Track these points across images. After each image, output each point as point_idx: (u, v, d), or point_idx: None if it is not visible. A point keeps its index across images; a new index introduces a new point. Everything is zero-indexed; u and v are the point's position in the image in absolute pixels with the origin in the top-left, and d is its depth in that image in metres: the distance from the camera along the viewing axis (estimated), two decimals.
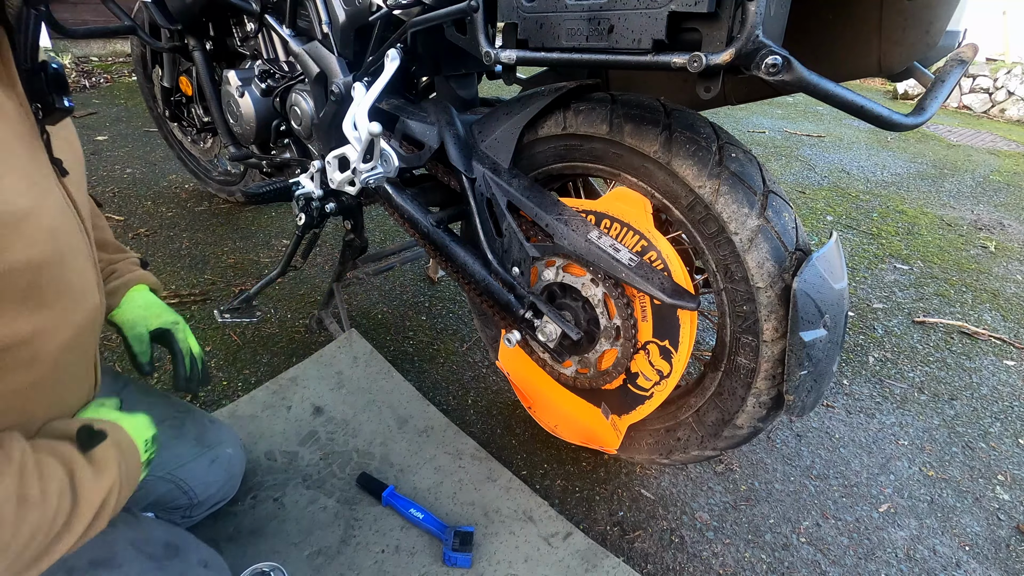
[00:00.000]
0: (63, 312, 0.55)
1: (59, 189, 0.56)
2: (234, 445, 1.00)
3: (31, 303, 0.50)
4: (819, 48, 0.84)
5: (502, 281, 1.06)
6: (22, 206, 0.47)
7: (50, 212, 0.52)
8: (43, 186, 0.52)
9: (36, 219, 0.49)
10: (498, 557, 1.00)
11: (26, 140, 0.52)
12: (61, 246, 0.53)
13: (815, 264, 0.78)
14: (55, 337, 0.55)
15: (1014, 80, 5.60)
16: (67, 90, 0.57)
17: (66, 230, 0.55)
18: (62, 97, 0.56)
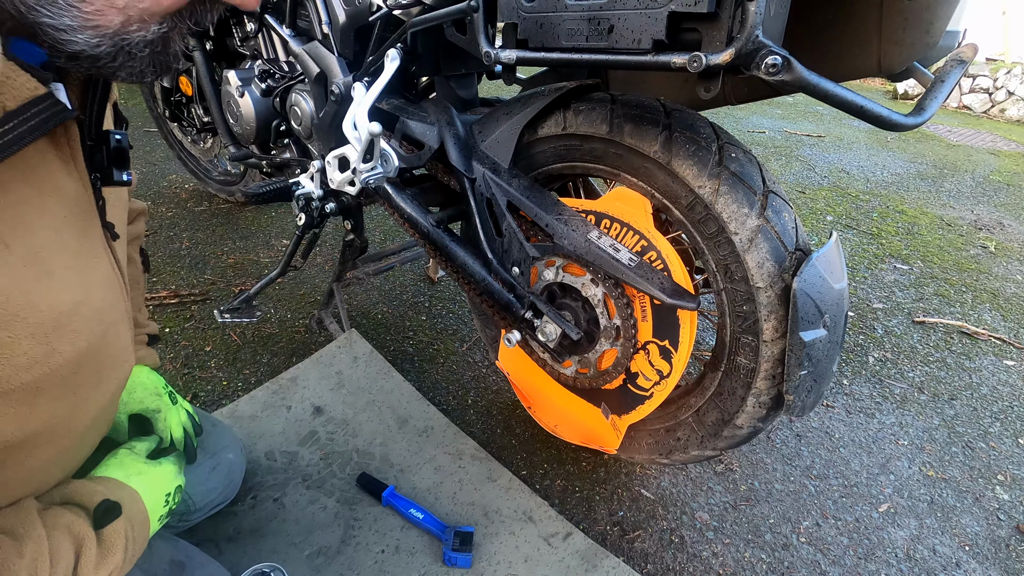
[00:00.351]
0: (100, 386, 0.54)
1: (107, 255, 0.55)
2: (235, 449, 1.00)
3: (71, 385, 0.49)
4: (819, 48, 0.84)
5: (502, 281, 1.06)
6: (72, 301, 0.47)
7: (99, 293, 0.51)
8: (92, 265, 0.51)
9: (85, 308, 0.49)
10: (498, 557, 1.00)
11: (81, 216, 0.51)
12: (106, 325, 0.52)
13: (815, 264, 0.78)
14: (90, 410, 0.54)
15: (1014, 80, 5.60)
16: (127, 164, 0.56)
17: (111, 303, 0.54)
18: (121, 172, 0.55)
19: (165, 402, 0.87)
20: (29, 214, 0.44)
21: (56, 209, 0.47)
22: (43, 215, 0.45)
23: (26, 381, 0.44)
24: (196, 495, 0.92)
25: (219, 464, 0.96)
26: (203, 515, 0.96)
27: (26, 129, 0.39)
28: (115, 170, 0.54)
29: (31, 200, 0.44)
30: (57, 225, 0.47)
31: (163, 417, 0.85)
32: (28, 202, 0.44)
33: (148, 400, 0.84)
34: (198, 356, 1.45)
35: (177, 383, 1.36)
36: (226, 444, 0.99)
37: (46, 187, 0.45)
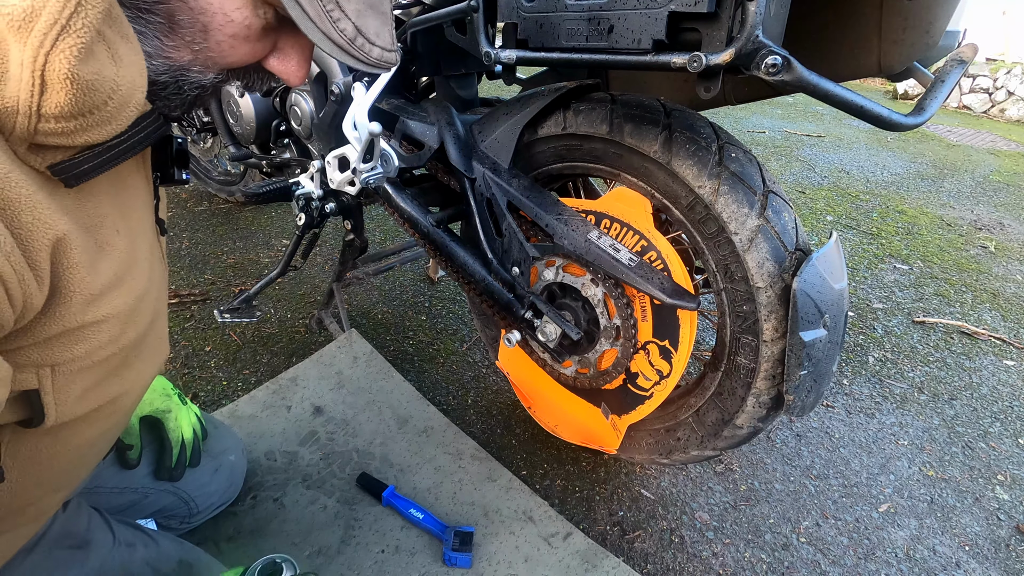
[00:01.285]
0: (146, 369, 0.57)
1: (160, 250, 0.59)
2: (236, 451, 1.01)
3: (123, 368, 0.52)
4: (819, 48, 0.84)
5: (502, 281, 1.06)
6: (142, 289, 0.51)
7: (156, 283, 0.55)
8: (154, 258, 0.55)
9: (148, 296, 0.52)
10: (498, 557, 1.00)
11: (149, 213, 0.55)
12: (155, 314, 0.56)
13: (815, 264, 0.78)
14: (135, 392, 0.57)
15: (1014, 80, 5.60)
16: (187, 164, 0.61)
17: (160, 294, 0.58)
18: (181, 171, 0.60)
19: (175, 402, 0.89)
20: (127, 207, 0.49)
21: (137, 203, 0.52)
22: (135, 208, 0.50)
23: (99, 359, 0.47)
24: (198, 498, 0.92)
25: (221, 466, 0.96)
26: (205, 517, 0.96)
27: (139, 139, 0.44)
28: (176, 169, 0.59)
29: (126, 195, 0.49)
30: (140, 216, 0.52)
31: (173, 416, 0.88)
32: (124, 197, 0.48)
33: (158, 401, 0.86)
34: (198, 356, 1.45)
35: (177, 383, 1.36)
36: (228, 446, 0.99)
37: (132, 185, 0.51)
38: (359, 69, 0.51)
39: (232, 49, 0.45)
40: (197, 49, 0.43)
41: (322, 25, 0.44)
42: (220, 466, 0.96)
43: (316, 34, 0.45)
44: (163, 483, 0.87)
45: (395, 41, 0.52)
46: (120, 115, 0.39)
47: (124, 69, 0.38)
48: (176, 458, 0.87)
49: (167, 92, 0.45)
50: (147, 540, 0.77)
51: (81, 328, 0.44)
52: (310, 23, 0.44)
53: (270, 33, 0.47)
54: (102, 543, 0.71)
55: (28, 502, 0.55)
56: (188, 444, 0.89)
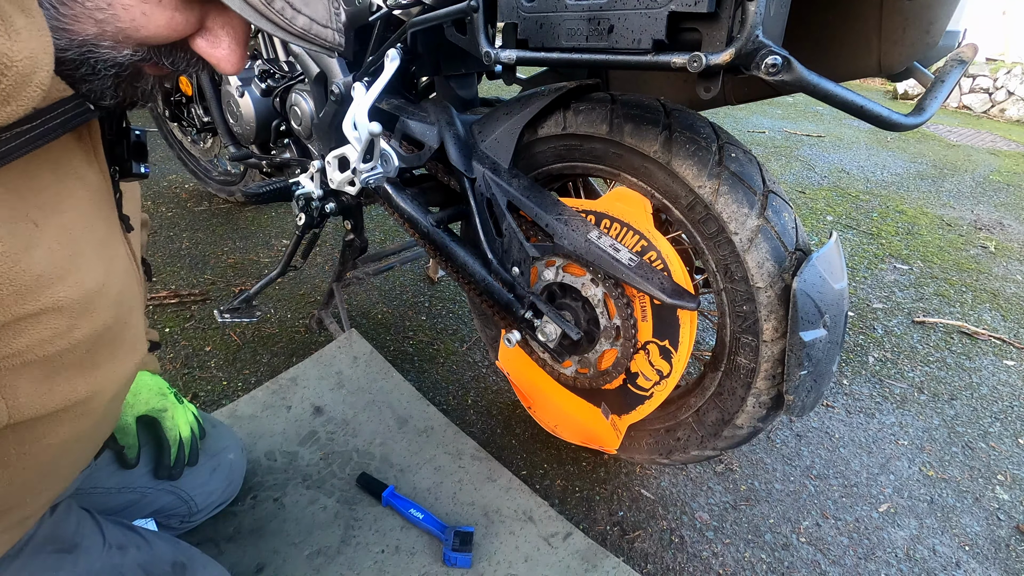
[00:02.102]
0: (116, 368, 0.55)
1: (124, 246, 0.57)
2: (236, 450, 1.00)
3: (88, 366, 0.51)
4: (819, 48, 0.84)
5: (502, 281, 1.06)
6: (95, 284, 0.48)
7: (118, 279, 0.53)
8: (112, 252, 0.53)
9: (106, 291, 0.50)
10: (498, 557, 1.00)
11: (102, 205, 0.52)
12: (123, 310, 0.54)
13: (815, 264, 0.78)
14: (106, 393, 0.56)
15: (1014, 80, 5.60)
16: (145, 158, 0.58)
17: (128, 290, 0.56)
18: (140, 164, 0.57)
19: (171, 401, 0.88)
20: (58, 198, 0.45)
21: (81, 195, 0.48)
22: (70, 200, 0.47)
23: (47, 354, 0.45)
24: (198, 497, 0.92)
25: (220, 465, 0.96)
26: (204, 516, 0.96)
27: (53, 126, 0.40)
28: (134, 163, 0.57)
29: (57, 187, 0.45)
30: (84, 210, 0.48)
31: (170, 415, 0.87)
32: (55, 189, 0.45)
33: (154, 400, 0.86)
34: (198, 356, 1.45)
35: (177, 383, 1.36)
36: (227, 445, 0.99)
37: (70, 176, 0.47)
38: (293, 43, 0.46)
39: (145, 18, 0.40)
40: (101, 18, 0.38)
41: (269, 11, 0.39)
42: (219, 465, 0.96)
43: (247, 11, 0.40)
44: (162, 482, 0.87)
45: (335, 19, 0.46)
46: (19, 95, 0.35)
47: (21, 44, 0.34)
48: (175, 457, 0.87)
49: (81, 72, 0.41)
50: (140, 542, 0.76)
51: (16, 321, 0.41)
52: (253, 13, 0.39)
53: (192, 5, 0.42)
54: (91, 546, 0.70)
55: (7, 506, 0.54)
56: (186, 443, 0.89)
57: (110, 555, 0.71)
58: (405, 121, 1.11)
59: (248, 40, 0.48)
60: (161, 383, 0.90)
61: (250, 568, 0.95)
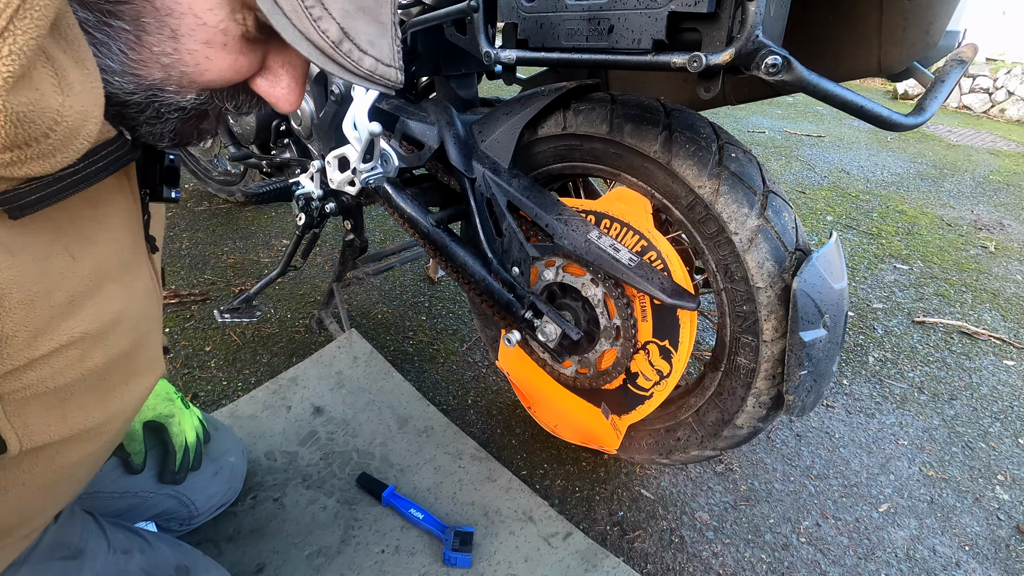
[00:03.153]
0: (128, 391, 0.55)
1: (148, 267, 0.56)
2: (236, 452, 1.01)
3: (102, 391, 0.50)
4: (819, 48, 0.84)
5: (502, 281, 1.06)
6: (113, 313, 0.48)
7: (138, 303, 0.52)
8: (135, 274, 0.53)
9: (124, 317, 0.49)
10: (498, 557, 1.00)
11: (131, 229, 0.52)
12: (140, 334, 0.53)
13: (815, 264, 0.78)
14: (120, 416, 0.55)
15: (1014, 80, 5.60)
16: (177, 182, 0.57)
17: (147, 313, 0.55)
18: (171, 189, 0.56)
19: (178, 406, 0.89)
20: (92, 228, 0.45)
21: (113, 223, 0.48)
22: (103, 230, 0.47)
23: (59, 384, 0.45)
24: (199, 501, 0.92)
25: (221, 469, 0.96)
26: (205, 518, 0.97)
27: (97, 169, 0.40)
28: (165, 187, 0.56)
29: (92, 216, 0.46)
30: (115, 236, 0.49)
31: (177, 421, 0.88)
32: (90, 218, 0.45)
33: (161, 406, 0.86)
34: (198, 356, 1.45)
35: (177, 383, 1.36)
36: (227, 448, 0.99)
37: (104, 204, 0.47)
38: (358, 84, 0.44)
39: (208, 62, 0.39)
40: (167, 63, 0.38)
41: (299, 22, 0.38)
42: (220, 468, 0.96)
43: (290, 32, 0.38)
44: (164, 487, 0.87)
45: (397, 57, 0.45)
46: (66, 148, 0.35)
47: (73, 98, 0.34)
48: (179, 463, 0.87)
49: (146, 116, 0.41)
50: (143, 545, 0.76)
51: (29, 363, 0.41)
52: (283, 18, 0.37)
53: (255, 47, 0.42)
54: (96, 551, 0.70)
55: (17, 522, 0.54)
56: (191, 448, 0.89)
57: (115, 560, 0.71)
58: (405, 121, 1.11)
59: (307, 78, 0.47)
60: (168, 388, 0.90)
61: (250, 568, 0.95)
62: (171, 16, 0.36)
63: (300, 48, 0.39)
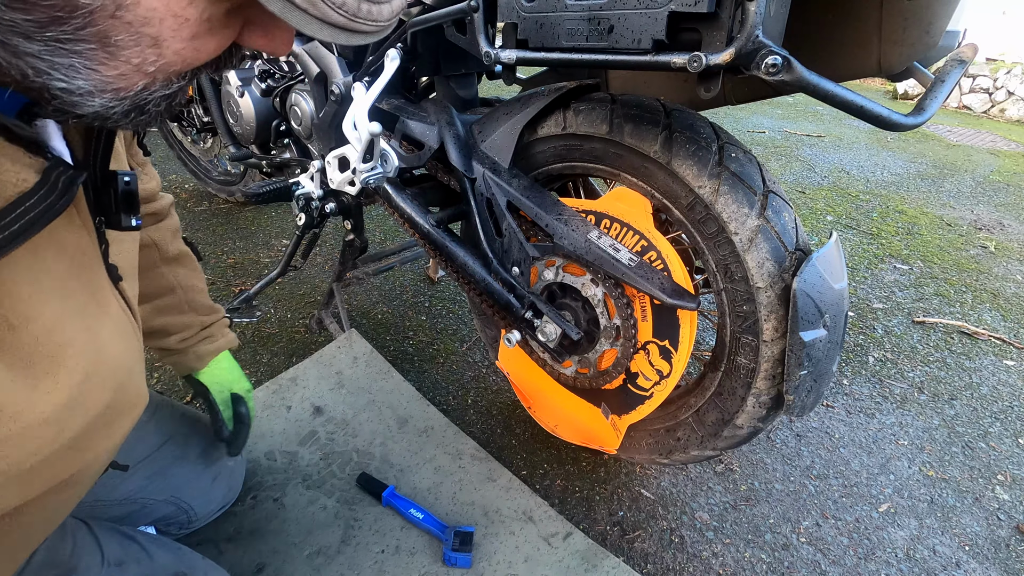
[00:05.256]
0: (115, 432, 0.52)
1: (116, 299, 0.51)
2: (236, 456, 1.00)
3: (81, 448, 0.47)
4: (819, 48, 0.84)
5: (502, 281, 1.06)
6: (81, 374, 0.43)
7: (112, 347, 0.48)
8: (102, 317, 0.47)
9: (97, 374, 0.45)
10: (498, 557, 1.00)
11: (86, 268, 0.46)
12: (121, 375, 0.49)
13: (815, 264, 0.78)
14: (103, 458, 0.52)
15: (1014, 80, 5.60)
16: (137, 209, 0.50)
17: (125, 350, 0.50)
18: (130, 216, 0.50)
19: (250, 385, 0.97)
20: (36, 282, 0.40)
21: (60, 269, 0.43)
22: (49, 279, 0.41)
23: (36, 463, 0.42)
24: (198, 507, 0.92)
25: (220, 473, 0.96)
26: (204, 523, 0.97)
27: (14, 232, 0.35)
28: (123, 215, 0.49)
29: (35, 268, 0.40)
30: (66, 285, 0.43)
31: (251, 396, 0.97)
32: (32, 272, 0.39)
33: (243, 381, 0.95)
34: None
35: (177, 383, 1.36)
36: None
37: (50, 248, 0.42)
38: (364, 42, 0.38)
39: (197, 52, 0.35)
40: (152, 69, 0.33)
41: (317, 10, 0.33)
42: (219, 473, 0.95)
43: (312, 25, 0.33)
44: (163, 493, 0.86)
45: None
46: None
47: None
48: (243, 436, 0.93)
49: (130, 118, 0.36)
50: (139, 554, 0.74)
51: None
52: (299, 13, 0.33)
53: (236, 12, 0.37)
54: (89, 566, 0.68)
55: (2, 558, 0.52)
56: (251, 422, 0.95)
57: (109, 574, 0.69)
58: (405, 121, 1.11)
59: None
60: (231, 361, 0.95)
61: (250, 568, 0.95)
62: (148, 25, 0.31)
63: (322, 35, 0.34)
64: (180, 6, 0.32)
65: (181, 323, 0.87)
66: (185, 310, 0.87)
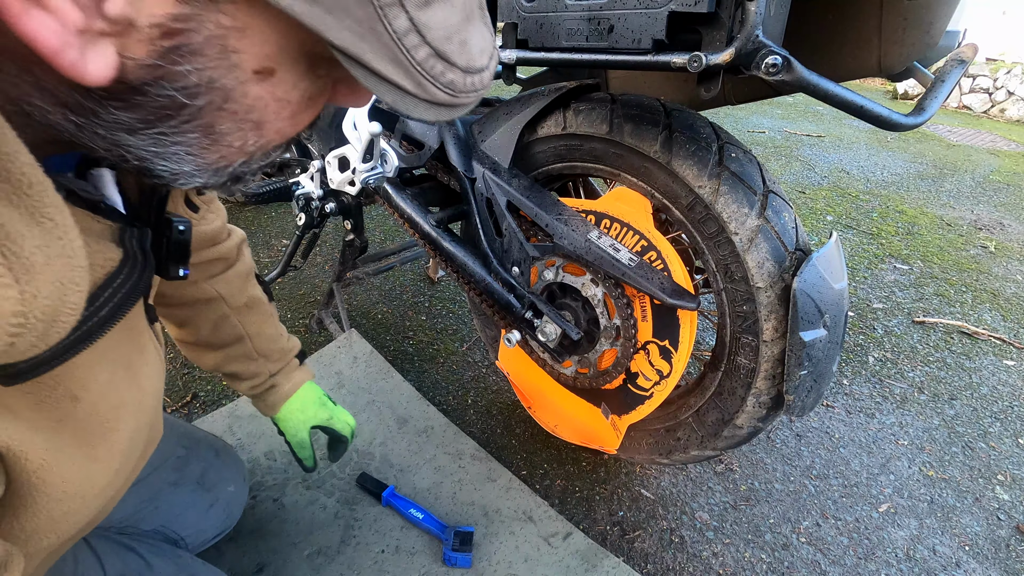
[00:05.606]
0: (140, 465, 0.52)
1: (152, 342, 0.50)
2: (237, 480, 0.95)
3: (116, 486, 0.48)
4: (819, 48, 0.84)
5: (502, 281, 1.06)
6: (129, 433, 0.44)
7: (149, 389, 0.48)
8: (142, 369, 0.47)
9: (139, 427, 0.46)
10: (498, 557, 1.00)
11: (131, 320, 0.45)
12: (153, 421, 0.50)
13: (815, 264, 0.78)
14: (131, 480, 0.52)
15: (1014, 80, 5.60)
16: (186, 260, 0.48)
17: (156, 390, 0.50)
18: (178, 266, 0.48)
19: (330, 407, 0.96)
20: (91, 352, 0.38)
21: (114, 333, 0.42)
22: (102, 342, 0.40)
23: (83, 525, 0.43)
24: (189, 536, 0.86)
25: (218, 500, 0.90)
26: (197, 551, 0.90)
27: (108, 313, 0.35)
28: (172, 265, 0.47)
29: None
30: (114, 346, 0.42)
31: (334, 420, 0.95)
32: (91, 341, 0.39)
33: (321, 413, 0.93)
34: None
35: (177, 383, 1.36)
36: (227, 476, 0.93)
37: None
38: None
39: (295, 126, 0.36)
40: (253, 149, 0.34)
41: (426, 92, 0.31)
42: (216, 500, 0.89)
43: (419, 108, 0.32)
44: (151, 523, 0.82)
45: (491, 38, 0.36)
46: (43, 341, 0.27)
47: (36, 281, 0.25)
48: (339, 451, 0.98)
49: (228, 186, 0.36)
50: (140, 567, 0.71)
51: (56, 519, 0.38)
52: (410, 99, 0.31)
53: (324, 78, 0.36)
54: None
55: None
56: (349, 438, 0.97)
57: None
58: (405, 121, 1.11)
59: None
60: (319, 392, 0.95)
61: (250, 568, 0.95)
62: (252, 112, 0.31)
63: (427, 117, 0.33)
64: (284, 90, 0.32)
65: (250, 371, 0.86)
66: (254, 357, 0.85)
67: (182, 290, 0.75)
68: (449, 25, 0.30)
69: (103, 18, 0.23)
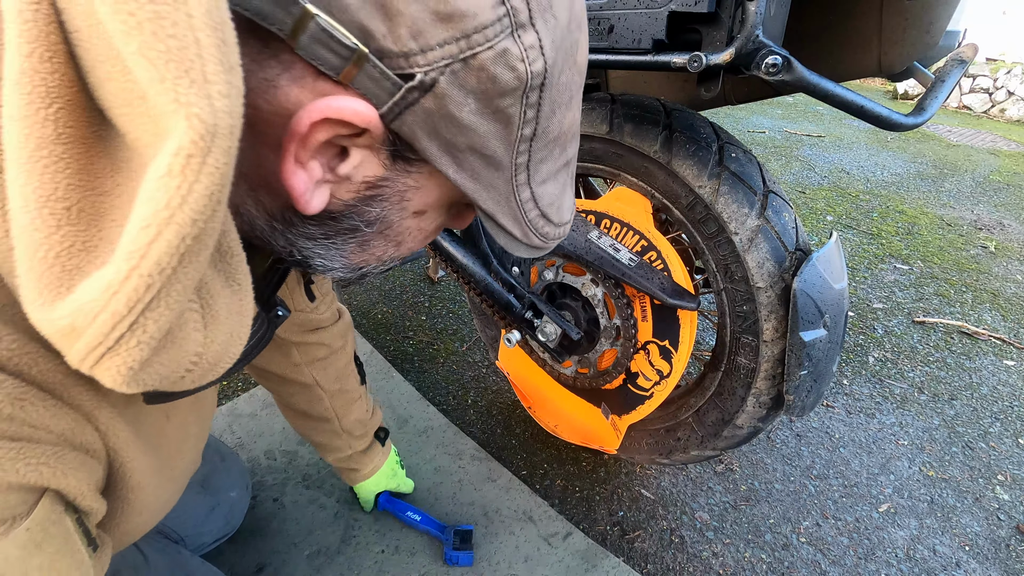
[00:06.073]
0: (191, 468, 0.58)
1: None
2: (239, 487, 0.96)
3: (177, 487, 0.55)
4: (819, 48, 0.84)
5: (502, 281, 1.06)
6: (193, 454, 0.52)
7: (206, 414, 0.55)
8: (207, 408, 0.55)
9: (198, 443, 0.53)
10: (498, 557, 1.00)
11: None
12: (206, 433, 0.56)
13: (815, 264, 0.78)
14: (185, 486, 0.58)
15: (1014, 80, 5.60)
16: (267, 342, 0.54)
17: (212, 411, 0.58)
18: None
19: (399, 476, 1.07)
20: None
21: None
22: None
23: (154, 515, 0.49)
24: (188, 537, 0.87)
25: (219, 504, 0.92)
26: (197, 553, 0.91)
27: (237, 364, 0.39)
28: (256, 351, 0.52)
29: None
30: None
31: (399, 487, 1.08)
32: None
33: (390, 484, 1.05)
34: None
35: None
36: (230, 482, 0.95)
37: None
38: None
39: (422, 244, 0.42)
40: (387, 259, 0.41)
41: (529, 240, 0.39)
42: (218, 504, 0.91)
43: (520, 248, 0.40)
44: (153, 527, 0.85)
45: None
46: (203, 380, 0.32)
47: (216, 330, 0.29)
48: None
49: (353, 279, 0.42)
50: (137, 560, 0.71)
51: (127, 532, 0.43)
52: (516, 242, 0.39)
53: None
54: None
55: None
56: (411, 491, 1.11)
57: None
58: None
59: None
60: (392, 464, 1.06)
61: (250, 568, 0.95)
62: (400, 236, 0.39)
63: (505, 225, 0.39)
64: (428, 223, 0.39)
65: (335, 445, 0.95)
66: (340, 433, 0.93)
67: (284, 369, 0.84)
68: (553, 194, 0.38)
69: (333, 173, 0.32)
